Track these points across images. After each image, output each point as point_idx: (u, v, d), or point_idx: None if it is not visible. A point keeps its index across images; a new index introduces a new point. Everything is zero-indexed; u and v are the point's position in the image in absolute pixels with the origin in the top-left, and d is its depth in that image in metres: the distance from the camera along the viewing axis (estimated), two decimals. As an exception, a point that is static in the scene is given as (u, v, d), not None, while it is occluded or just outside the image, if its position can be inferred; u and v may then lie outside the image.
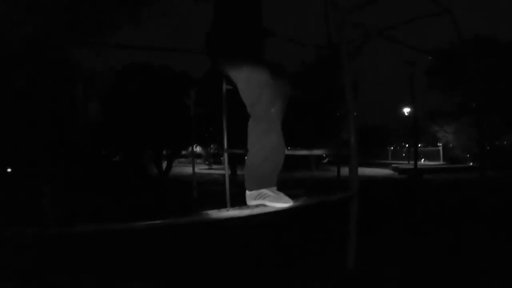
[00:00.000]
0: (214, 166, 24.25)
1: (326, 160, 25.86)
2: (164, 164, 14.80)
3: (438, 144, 22.37)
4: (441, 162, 21.62)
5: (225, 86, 3.65)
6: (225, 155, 3.79)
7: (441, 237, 3.48)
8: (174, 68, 13.22)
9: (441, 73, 16.20)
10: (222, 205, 1.93)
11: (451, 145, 19.78)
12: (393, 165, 18.70)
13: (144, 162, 14.88)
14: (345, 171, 16.85)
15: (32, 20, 5.41)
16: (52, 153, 7.52)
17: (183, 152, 28.91)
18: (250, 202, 1.58)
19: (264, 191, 1.54)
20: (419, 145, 32.31)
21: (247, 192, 1.59)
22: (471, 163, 17.71)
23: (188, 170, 19.58)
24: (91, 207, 5.53)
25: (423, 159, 23.82)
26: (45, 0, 5.53)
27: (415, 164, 9.70)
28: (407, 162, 20.44)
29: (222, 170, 17.22)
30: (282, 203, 1.51)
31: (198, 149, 30.92)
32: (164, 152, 15.67)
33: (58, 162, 7.69)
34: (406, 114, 23.30)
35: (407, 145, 27.01)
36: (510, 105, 15.69)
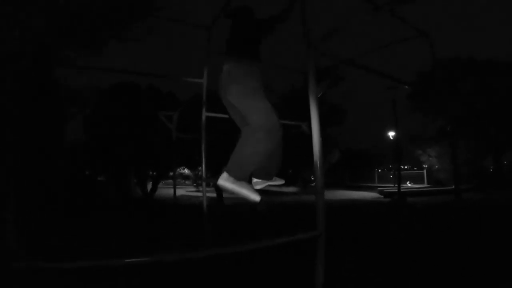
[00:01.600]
0: (201, 188, 23.92)
1: (314, 184, 25.89)
2: (150, 185, 14.54)
3: (424, 165, 22.86)
4: (425, 184, 21.99)
5: (204, 114, 3.68)
6: (203, 184, 3.74)
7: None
8: (161, 89, 13.28)
9: (422, 97, 16.67)
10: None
11: (437, 166, 20.21)
12: (379, 188, 18.86)
13: (128, 183, 14.56)
14: (331, 194, 16.79)
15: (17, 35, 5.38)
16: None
17: (171, 174, 28.46)
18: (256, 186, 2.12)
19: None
20: (405, 167, 33.10)
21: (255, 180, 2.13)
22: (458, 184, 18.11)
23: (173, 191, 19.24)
24: (56, 230, 5.37)
25: (408, 182, 24.25)
26: (30, 17, 5.54)
27: (399, 188, 9.82)
28: (393, 185, 20.67)
29: (209, 193, 16.98)
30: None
31: (186, 171, 30.57)
32: (151, 173, 15.43)
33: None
34: (391, 137, 23.88)
35: (393, 168, 27.49)
36: (489, 127, 16.09)
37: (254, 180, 2.13)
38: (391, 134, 19.69)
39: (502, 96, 15.26)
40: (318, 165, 1.76)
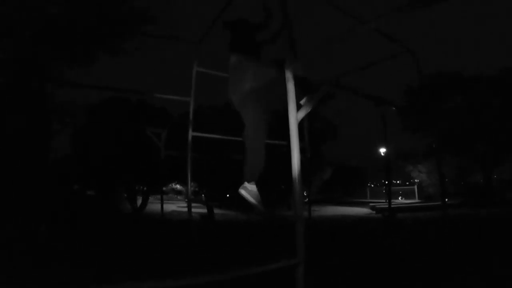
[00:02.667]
0: (193, 204, 23.63)
1: (307, 200, 25.85)
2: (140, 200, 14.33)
3: (416, 180, 23.12)
4: (417, 200, 22.18)
5: (190, 134, 3.68)
6: (188, 201, 3.69)
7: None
8: (155, 102, 13.27)
9: (411, 114, 16.86)
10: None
11: (427, 181, 20.43)
12: (371, 204, 18.89)
13: (117, 198, 14.32)
14: (324, 210, 16.74)
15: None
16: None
17: (164, 188, 28.11)
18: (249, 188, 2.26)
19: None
20: (397, 181, 33.37)
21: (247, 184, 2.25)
22: (446, 200, 18.24)
23: (165, 207, 18.93)
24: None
25: (400, 197, 24.47)
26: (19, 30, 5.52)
27: (389, 204, 9.88)
28: (385, 200, 20.75)
29: (200, 209, 16.75)
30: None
31: (178, 186, 30.17)
32: (141, 187, 15.22)
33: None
34: (382, 154, 24.16)
35: (385, 184, 27.74)
36: (477, 142, 16.22)
37: (247, 184, 2.30)
38: (382, 150, 19.94)
39: (489, 111, 15.52)
40: (298, 191, 1.73)
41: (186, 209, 19.59)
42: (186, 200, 28.48)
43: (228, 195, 22.42)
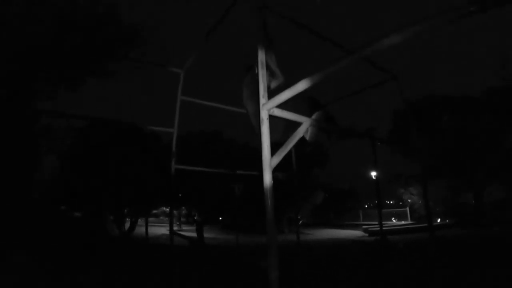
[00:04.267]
0: (183, 227, 23.14)
1: (300, 222, 25.68)
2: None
3: (409, 200, 23.23)
4: (409, 221, 22.19)
5: (173, 166, 3.63)
6: (170, 233, 3.55)
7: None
8: (142, 128, 13.21)
9: (399, 140, 17.10)
10: None
11: (419, 202, 20.46)
12: (363, 226, 18.78)
13: (104, 221, 13.98)
14: (318, 233, 16.50)
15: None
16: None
17: (154, 211, 27.61)
18: None
19: None
20: (391, 202, 33.33)
21: None
22: (439, 220, 18.44)
23: (154, 230, 18.48)
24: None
25: (393, 218, 24.48)
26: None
27: (381, 227, 9.81)
28: (377, 222, 20.66)
29: (190, 232, 16.39)
30: None
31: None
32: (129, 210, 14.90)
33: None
34: (373, 177, 24.31)
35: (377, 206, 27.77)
36: (466, 163, 16.31)
37: None
38: (373, 173, 20.02)
39: (476, 133, 15.75)
40: (269, 209, 1.51)
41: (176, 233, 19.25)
42: (177, 223, 27.82)
43: (220, 218, 22.07)
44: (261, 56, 1.80)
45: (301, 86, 1.43)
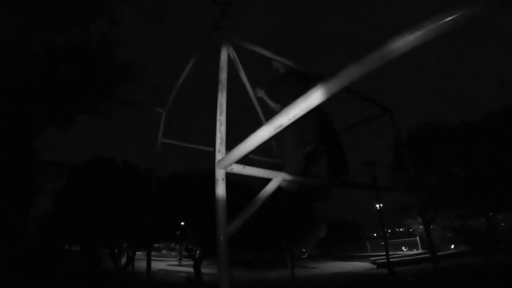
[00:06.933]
0: (184, 262, 22.26)
1: (305, 255, 24.77)
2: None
3: (420, 228, 22.41)
4: (420, 250, 21.26)
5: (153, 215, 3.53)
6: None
7: None
8: (139, 166, 13.19)
9: (400, 172, 16.78)
10: None
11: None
12: (371, 258, 17.93)
13: (99, 255, 13.55)
14: (323, 266, 15.71)
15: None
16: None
17: (156, 245, 26.84)
18: None
19: None
20: (400, 229, 32.07)
21: None
22: (452, 246, 17.89)
23: (154, 265, 17.73)
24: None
25: (404, 247, 23.53)
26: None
27: (388, 259, 9.33)
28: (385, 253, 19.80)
29: (191, 268, 15.70)
30: None
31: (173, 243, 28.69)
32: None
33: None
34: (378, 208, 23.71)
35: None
36: (472, 190, 15.81)
37: None
38: (378, 205, 19.59)
39: (480, 157, 15.43)
40: (221, 225, 1.31)
41: (175, 268, 18.37)
42: (178, 257, 26.86)
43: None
44: (221, 99, 1.60)
45: (264, 133, 1.10)
